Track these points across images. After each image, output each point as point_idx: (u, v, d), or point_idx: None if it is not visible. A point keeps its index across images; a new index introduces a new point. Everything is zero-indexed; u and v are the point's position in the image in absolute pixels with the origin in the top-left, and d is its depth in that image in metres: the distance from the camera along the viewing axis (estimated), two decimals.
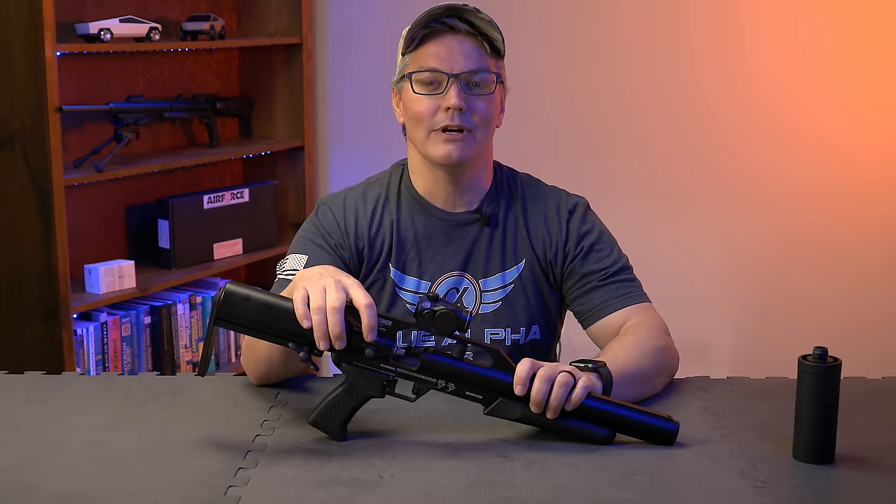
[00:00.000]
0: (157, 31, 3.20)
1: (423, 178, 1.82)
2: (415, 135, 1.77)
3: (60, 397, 1.64)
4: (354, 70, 3.74)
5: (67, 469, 1.37)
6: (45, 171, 2.86)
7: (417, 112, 1.74)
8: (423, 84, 1.73)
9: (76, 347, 3.00)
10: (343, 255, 1.80)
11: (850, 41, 3.25)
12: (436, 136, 1.74)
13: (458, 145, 1.73)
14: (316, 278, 1.43)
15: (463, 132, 1.73)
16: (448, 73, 1.71)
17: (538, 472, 1.36)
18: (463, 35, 1.73)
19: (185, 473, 1.35)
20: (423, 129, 1.74)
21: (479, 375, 1.46)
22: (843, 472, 1.37)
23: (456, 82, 1.71)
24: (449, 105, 1.71)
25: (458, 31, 1.73)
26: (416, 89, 1.74)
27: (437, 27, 1.73)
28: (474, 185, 1.81)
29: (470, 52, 1.73)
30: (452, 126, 1.72)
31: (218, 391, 1.66)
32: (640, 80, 3.45)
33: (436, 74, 1.72)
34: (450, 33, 1.73)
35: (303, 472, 1.35)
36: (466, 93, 1.72)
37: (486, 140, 1.77)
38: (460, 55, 1.72)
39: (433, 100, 1.72)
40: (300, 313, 1.39)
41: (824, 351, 1.38)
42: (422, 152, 1.77)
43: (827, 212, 3.33)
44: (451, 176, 1.78)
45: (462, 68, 1.72)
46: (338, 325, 1.38)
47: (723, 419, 1.55)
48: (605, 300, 1.79)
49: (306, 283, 1.43)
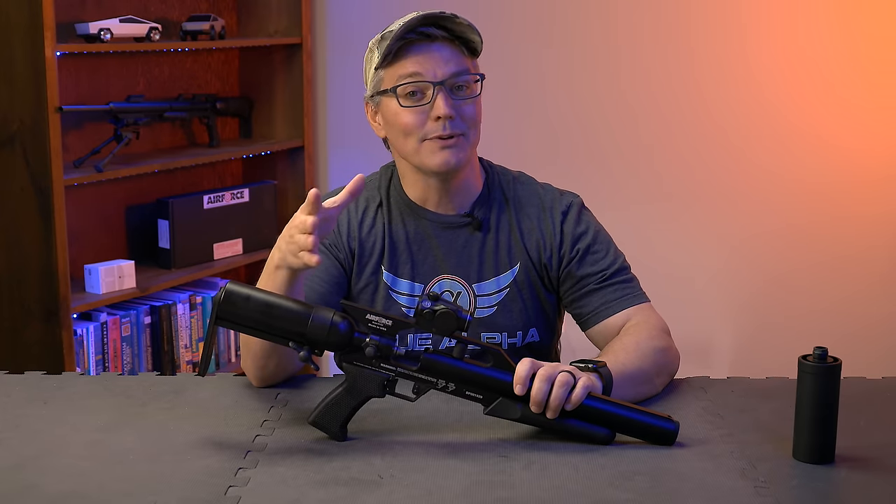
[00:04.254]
0: (157, 31, 3.20)
1: (412, 184, 1.81)
2: (405, 146, 1.75)
3: (60, 397, 1.64)
4: (354, 70, 3.71)
5: (67, 469, 1.37)
6: (45, 171, 2.86)
7: (405, 124, 1.73)
8: (408, 96, 1.72)
9: (76, 347, 3.00)
10: (338, 256, 1.80)
11: (850, 41, 3.25)
12: (430, 145, 1.72)
13: (452, 151, 1.72)
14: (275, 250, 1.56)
15: (455, 137, 1.72)
16: (432, 82, 1.71)
17: (538, 472, 1.36)
18: (440, 42, 1.72)
19: (185, 473, 1.35)
20: (414, 139, 1.73)
21: (479, 375, 1.46)
22: (844, 472, 1.37)
23: (442, 90, 1.70)
24: (439, 115, 1.70)
25: (434, 38, 1.72)
26: (402, 102, 1.72)
27: (412, 38, 1.72)
28: (465, 188, 1.80)
29: (449, 56, 1.72)
30: (445, 135, 1.71)
31: (218, 391, 1.66)
32: (642, 81, 3.45)
33: (420, 84, 1.71)
34: (426, 41, 1.72)
35: (303, 472, 1.36)
36: (452, 98, 1.71)
37: (476, 140, 1.78)
38: (440, 61, 1.71)
39: (420, 110, 1.71)
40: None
41: (824, 351, 1.38)
42: (414, 163, 1.76)
43: (827, 212, 3.33)
44: (442, 182, 1.78)
45: (445, 74, 1.71)
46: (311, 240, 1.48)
47: (723, 419, 1.55)
48: (604, 302, 1.78)
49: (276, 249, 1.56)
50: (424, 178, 1.78)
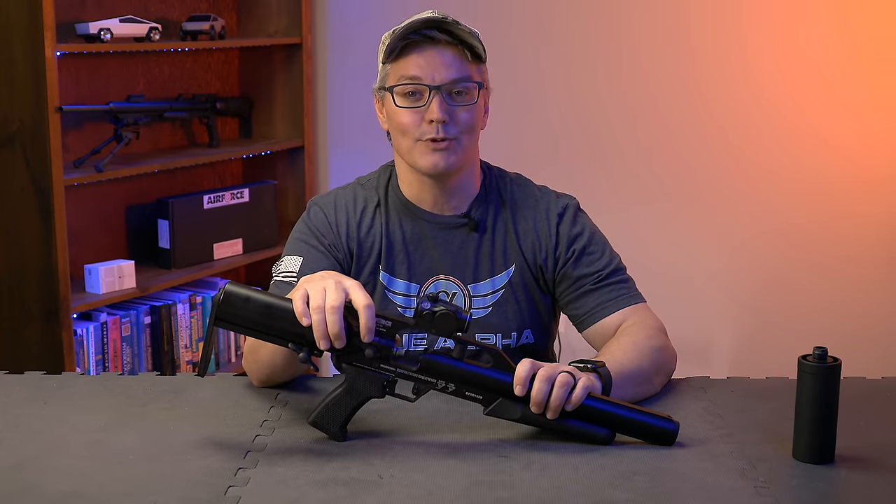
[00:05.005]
0: (157, 31, 3.19)
1: (409, 183, 1.82)
2: (401, 145, 1.77)
3: (60, 397, 1.64)
4: (354, 70, 3.74)
5: (67, 469, 1.37)
6: (45, 171, 2.86)
7: (401, 123, 1.74)
8: (405, 96, 1.73)
9: (76, 347, 3.00)
10: (338, 256, 1.80)
11: (850, 41, 3.25)
12: (422, 146, 1.74)
13: (443, 154, 1.73)
14: (317, 279, 1.44)
15: (447, 141, 1.73)
16: (430, 85, 1.71)
17: (538, 473, 1.36)
18: (443, 45, 1.73)
19: (184, 473, 1.35)
20: (409, 139, 1.74)
21: (478, 376, 1.46)
22: (843, 472, 1.37)
23: (438, 94, 1.71)
24: (432, 118, 1.71)
25: (437, 41, 1.73)
26: (398, 102, 1.73)
27: (416, 38, 1.73)
28: (461, 189, 1.81)
29: (451, 61, 1.72)
30: (437, 138, 1.72)
31: (218, 391, 1.66)
32: (641, 81, 3.45)
33: (417, 86, 1.72)
34: (429, 44, 1.73)
35: (302, 472, 1.35)
36: (448, 103, 1.72)
37: (471, 146, 1.78)
38: (441, 65, 1.72)
39: (416, 111, 1.72)
40: (299, 311, 1.40)
41: (824, 351, 1.38)
42: (408, 161, 1.78)
43: (827, 211, 3.33)
44: (437, 182, 1.79)
45: (443, 79, 1.71)
46: (336, 324, 1.38)
47: (723, 419, 1.55)
48: (600, 303, 1.78)
49: (307, 283, 1.43)
50: (420, 178, 1.79)
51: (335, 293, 1.40)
